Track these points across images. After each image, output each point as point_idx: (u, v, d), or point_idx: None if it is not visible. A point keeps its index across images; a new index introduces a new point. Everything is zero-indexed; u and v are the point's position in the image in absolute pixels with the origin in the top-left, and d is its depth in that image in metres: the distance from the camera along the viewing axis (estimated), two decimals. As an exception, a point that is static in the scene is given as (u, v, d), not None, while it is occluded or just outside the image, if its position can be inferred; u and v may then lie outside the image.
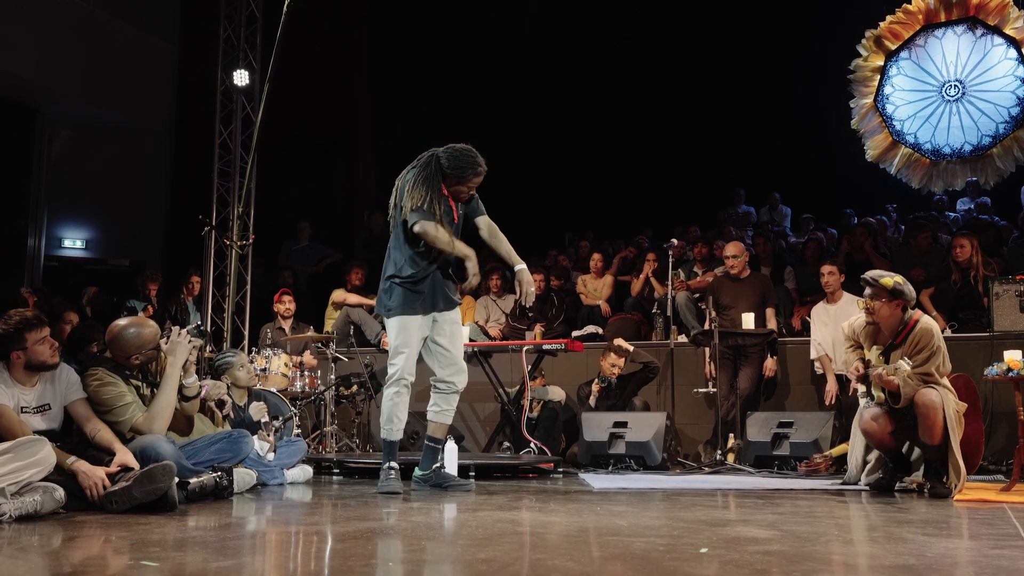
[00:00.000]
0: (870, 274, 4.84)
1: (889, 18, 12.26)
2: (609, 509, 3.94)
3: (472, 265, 4.70)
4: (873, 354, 4.87)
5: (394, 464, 4.79)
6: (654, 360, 7.30)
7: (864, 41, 12.41)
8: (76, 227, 12.11)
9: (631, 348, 7.16)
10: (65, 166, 11.81)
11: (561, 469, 6.24)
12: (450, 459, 5.22)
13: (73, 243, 12.01)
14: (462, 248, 4.74)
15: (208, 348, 7.96)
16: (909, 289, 4.78)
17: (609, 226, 12.29)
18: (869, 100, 12.50)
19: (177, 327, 4.38)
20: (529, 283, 4.81)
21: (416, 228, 4.63)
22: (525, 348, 7.00)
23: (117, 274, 11.06)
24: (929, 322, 4.77)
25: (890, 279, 4.75)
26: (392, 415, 4.78)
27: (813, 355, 7.05)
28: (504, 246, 4.90)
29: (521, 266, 4.83)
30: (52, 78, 10.91)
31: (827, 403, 6.79)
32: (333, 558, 2.70)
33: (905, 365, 4.61)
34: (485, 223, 4.96)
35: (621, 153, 13.20)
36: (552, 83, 13.34)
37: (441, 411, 4.92)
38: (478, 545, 2.84)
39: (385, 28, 13.67)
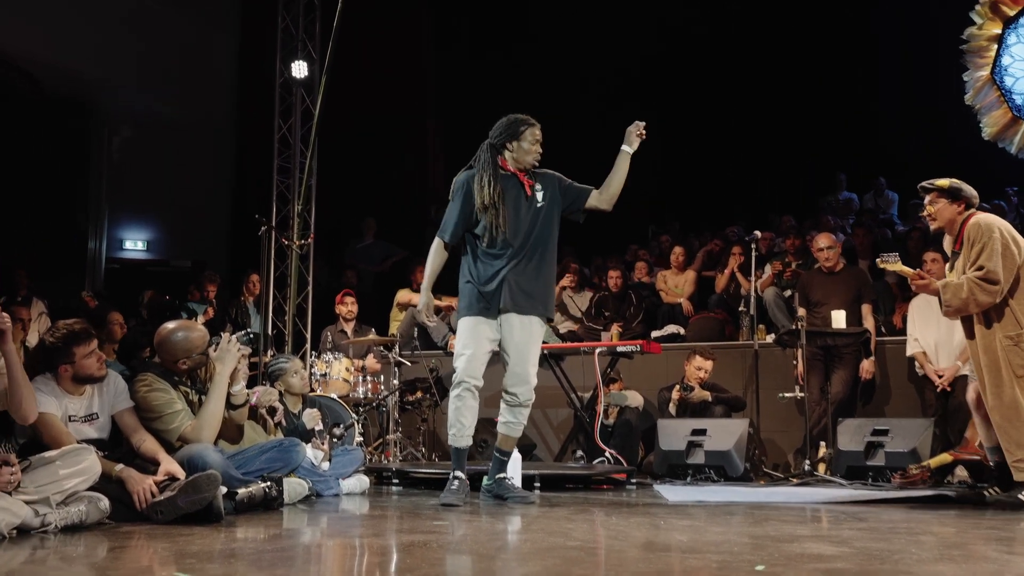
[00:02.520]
0: (923, 182, 4.82)
1: (1007, -20, 11.91)
2: (674, 523, 3.98)
3: (421, 304, 5.09)
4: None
5: (459, 474, 4.87)
6: (740, 397, 7.31)
7: (978, 7, 12.05)
8: (137, 228, 12.61)
9: (709, 396, 7.16)
10: (125, 165, 12.31)
11: (635, 480, 6.28)
12: (514, 469, 5.32)
13: (134, 244, 12.51)
14: (425, 283, 5.04)
15: (269, 352, 8.22)
16: (969, 189, 4.73)
17: (697, 217, 12.22)
18: (985, 72, 12.14)
19: (227, 333, 4.58)
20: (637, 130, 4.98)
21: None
22: (598, 350, 7.05)
23: (179, 276, 11.46)
24: (983, 216, 4.67)
25: (945, 180, 4.73)
26: (455, 420, 4.88)
27: (909, 352, 6.93)
28: (615, 171, 5.02)
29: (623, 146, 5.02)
30: (111, 74, 11.41)
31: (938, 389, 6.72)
32: (366, 571, 2.83)
33: (888, 257, 4.61)
34: (595, 196, 5.04)
35: (711, 137, 13.09)
36: (637, 65, 13.29)
37: (506, 423, 4.99)
38: (521, 560, 2.93)
39: (450, 10, 13.83)
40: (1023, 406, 4.46)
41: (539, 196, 4.95)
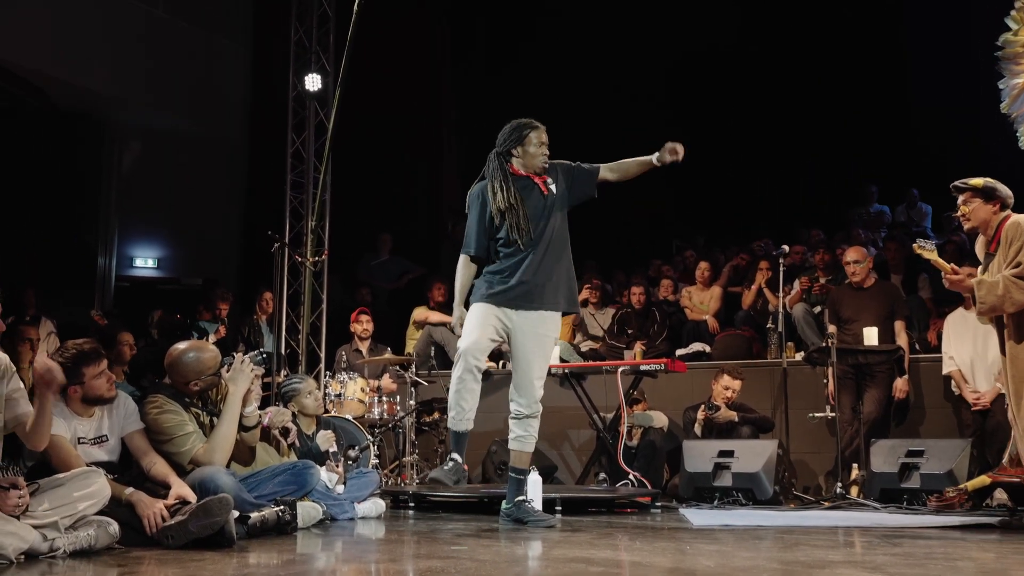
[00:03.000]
0: (956, 181, 4.81)
1: (1043, -16, 11.83)
2: (700, 548, 3.96)
3: (455, 319, 5.10)
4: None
5: (456, 456, 4.89)
6: (768, 417, 7.28)
7: (1014, 12, 11.90)
8: (147, 245, 12.68)
9: (735, 416, 7.14)
10: (136, 180, 12.38)
11: (660, 503, 6.26)
12: (534, 492, 5.31)
13: (144, 262, 12.57)
14: (456, 299, 5.09)
15: (283, 372, 8.26)
16: (1004, 189, 4.72)
17: (723, 231, 12.20)
18: (1021, 80, 12.01)
19: (240, 354, 4.60)
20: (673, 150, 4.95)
21: None
22: (621, 369, 7.04)
23: (190, 294, 11.50)
24: (1021, 217, 4.66)
25: (979, 179, 4.72)
26: (455, 403, 4.88)
27: (945, 370, 6.92)
28: (634, 165, 5.03)
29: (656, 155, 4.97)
30: (122, 87, 11.48)
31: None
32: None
33: (927, 244, 4.59)
34: (606, 170, 5.05)
35: (738, 149, 13.07)
36: (662, 76, 13.30)
37: (516, 438, 4.98)
38: (543, 586, 2.93)
39: (466, 22, 13.87)
40: None
41: (553, 189, 5.00)
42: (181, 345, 4.57)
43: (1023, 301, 4.49)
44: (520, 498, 4.99)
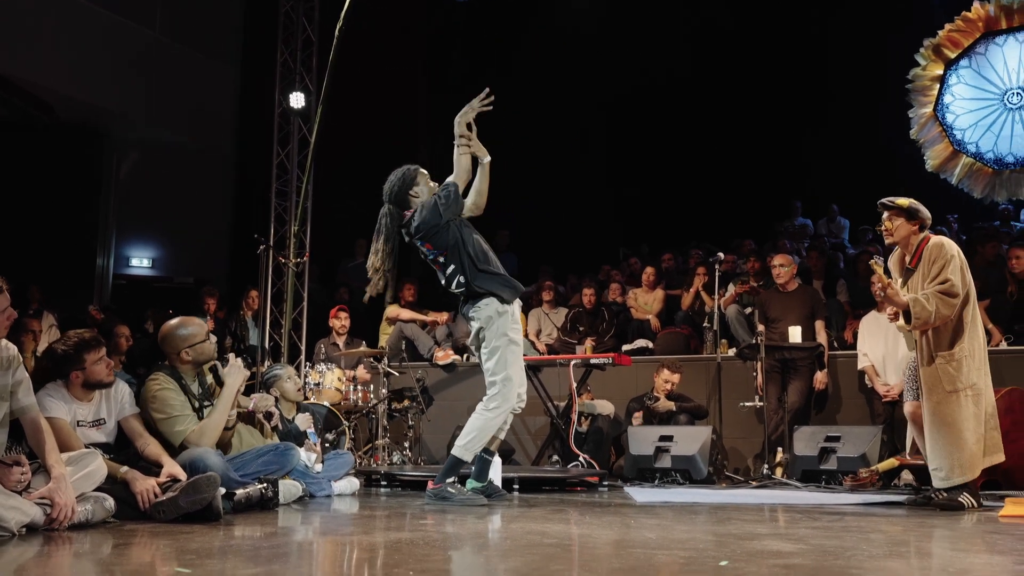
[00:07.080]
0: (884, 199, 4.82)
1: (948, 26, 11.97)
2: (643, 522, 3.97)
3: None
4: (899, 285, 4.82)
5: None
6: (702, 406, 7.32)
7: (922, 50, 12.14)
8: (143, 246, 12.53)
9: (673, 406, 7.18)
10: (133, 188, 12.25)
11: (607, 483, 6.27)
12: (494, 471, 5.30)
13: (140, 262, 12.42)
14: None
15: (266, 363, 8.18)
16: (925, 211, 4.75)
17: (664, 240, 12.28)
18: (928, 109, 12.23)
19: (232, 354, 4.58)
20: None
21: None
22: (573, 362, 7.06)
23: (182, 292, 11.40)
24: (943, 238, 4.73)
25: (905, 199, 4.75)
26: None
27: (859, 366, 7.01)
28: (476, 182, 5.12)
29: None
30: (122, 103, 11.39)
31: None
32: (356, 566, 2.81)
33: (880, 260, 4.64)
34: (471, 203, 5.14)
35: (676, 166, 13.17)
36: (612, 101, 13.36)
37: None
38: (503, 556, 2.91)
39: (442, 44, 13.85)
40: (949, 421, 4.51)
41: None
42: (172, 321, 4.56)
43: (947, 315, 4.52)
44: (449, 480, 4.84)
